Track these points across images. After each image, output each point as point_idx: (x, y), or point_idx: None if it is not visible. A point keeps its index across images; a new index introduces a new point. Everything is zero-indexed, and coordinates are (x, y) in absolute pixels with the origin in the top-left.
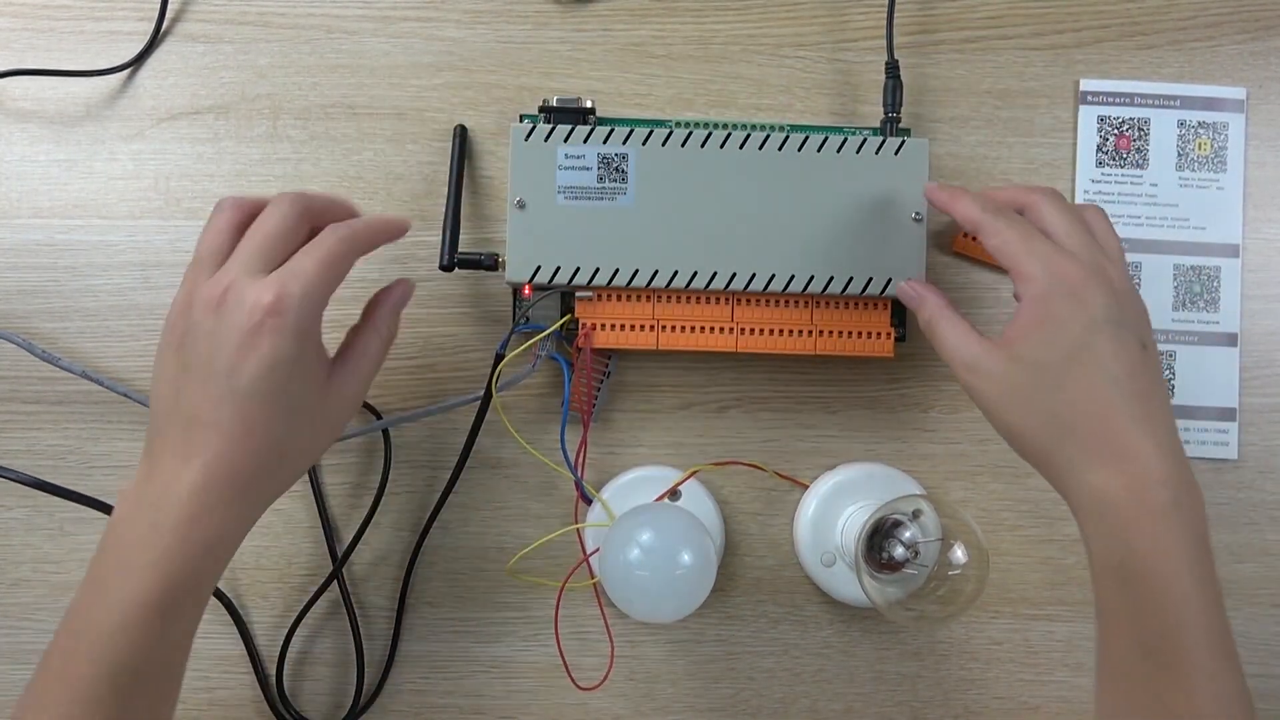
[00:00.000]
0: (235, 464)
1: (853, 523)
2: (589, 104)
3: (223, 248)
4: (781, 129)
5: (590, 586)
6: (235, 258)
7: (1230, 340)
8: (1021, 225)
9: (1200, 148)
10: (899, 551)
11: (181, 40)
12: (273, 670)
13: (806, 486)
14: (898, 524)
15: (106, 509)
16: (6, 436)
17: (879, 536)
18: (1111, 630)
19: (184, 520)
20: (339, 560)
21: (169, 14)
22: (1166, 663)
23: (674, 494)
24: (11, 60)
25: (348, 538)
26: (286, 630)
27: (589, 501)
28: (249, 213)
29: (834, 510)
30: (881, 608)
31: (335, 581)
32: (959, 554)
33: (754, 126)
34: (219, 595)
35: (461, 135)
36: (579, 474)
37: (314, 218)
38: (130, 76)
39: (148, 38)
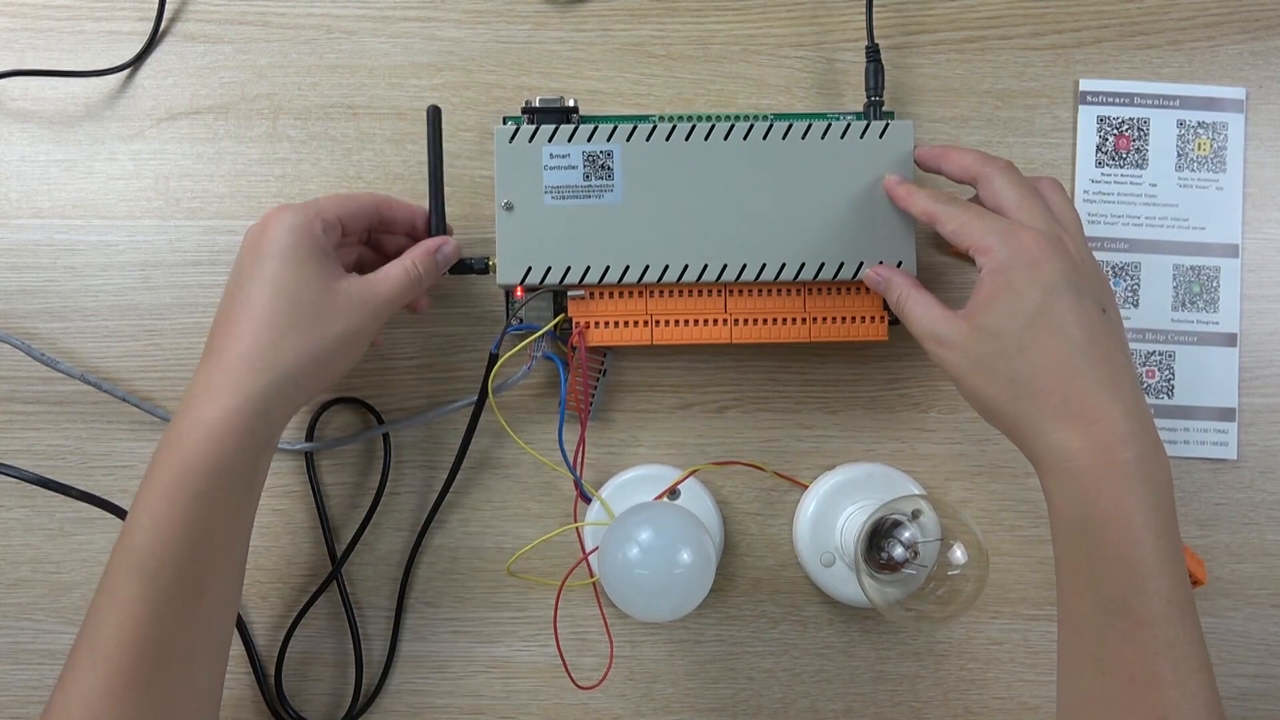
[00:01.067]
0: (240, 348)
1: (852, 523)
2: (571, 103)
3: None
4: (765, 118)
5: (590, 586)
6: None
7: (1230, 340)
8: (973, 207)
9: (1200, 148)
10: (898, 552)
11: (181, 40)
12: (272, 670)
13: (806, 487)
14: (897, 524)
15: (108, 506)
16: (6, 436)
17: (878, 536)
18: (1070, 587)
19: (199, 404)
20: (338, 561)
21: (168, 14)
22: (1124, 620)
23: (673, 493)
24: (11, 60)
25: (347, 538)
26: (285, 630)
27: (588, 500)
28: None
29: (834, 510)
30: (881, 608)
31: (334, 582)
32: (958, 554)
33: (738, 117)
34: None
35: (435, 117)
36: (578, 473)
37: (375, 207)
38: (130, 76)
39: (147, 38)
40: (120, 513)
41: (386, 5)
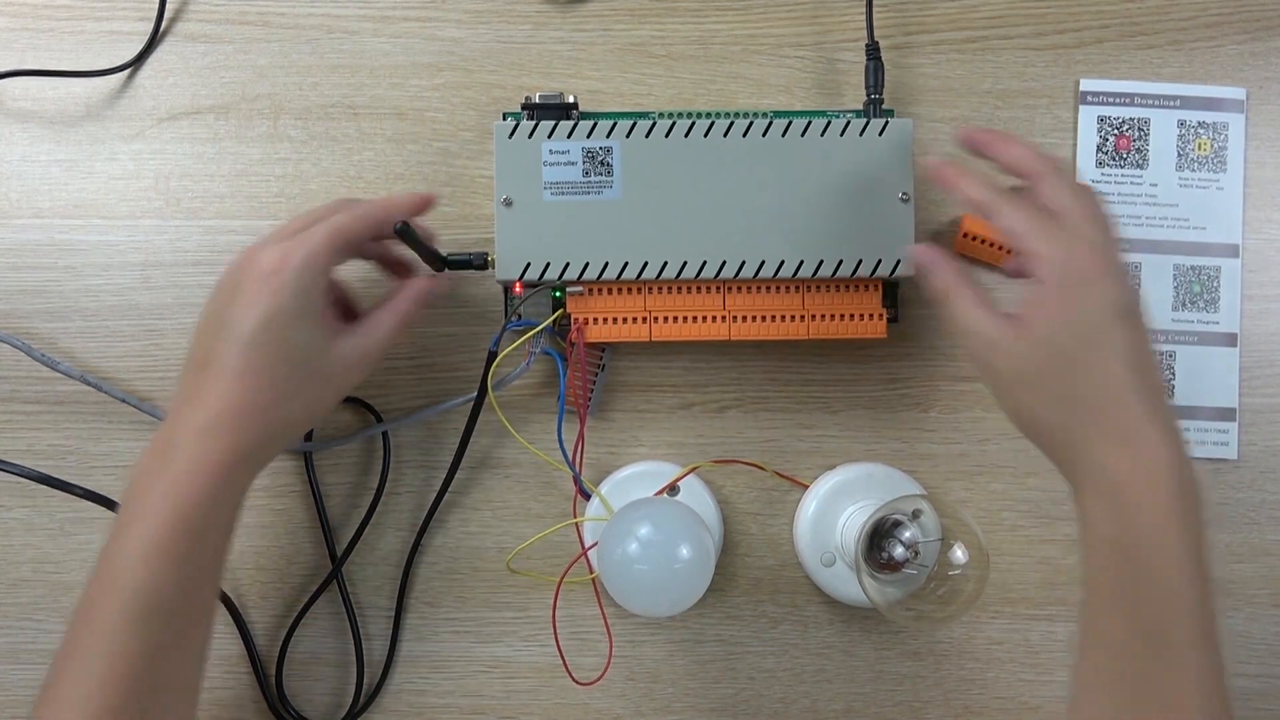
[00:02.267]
0: (238, 400)
1: (852, 523)
2: (571, 99)
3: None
4: (765, 115)
5: (590, 583)
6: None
7: (1230, 340)
8: (1029, 207)
9: (1200, 148)
10: (899, 551)
11: (181, 40)
12: (272, 670)
13: (806, 486)
14: (898, 524)
15: (109, 503)
16: (7, 437)
17: (879, 536)
18: (1103, 608)
19: (192, 450)
20: (338, 560)
21: (168, 14)
22: (1162, 647)
23: (673, 489)
24: (11, 60)
25: (347, 537)
26: (286, 630)
27: (587, 496)
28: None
29: (834, 510)
30: (881, 608)
31: (334, 581)
32: (959, 554)
33: (737, 114)
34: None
35: (406, 230)
36: (577, 469)
37: (375, 222)
38: (130, 77)
39: (147, 38)
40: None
41: (386, 5)
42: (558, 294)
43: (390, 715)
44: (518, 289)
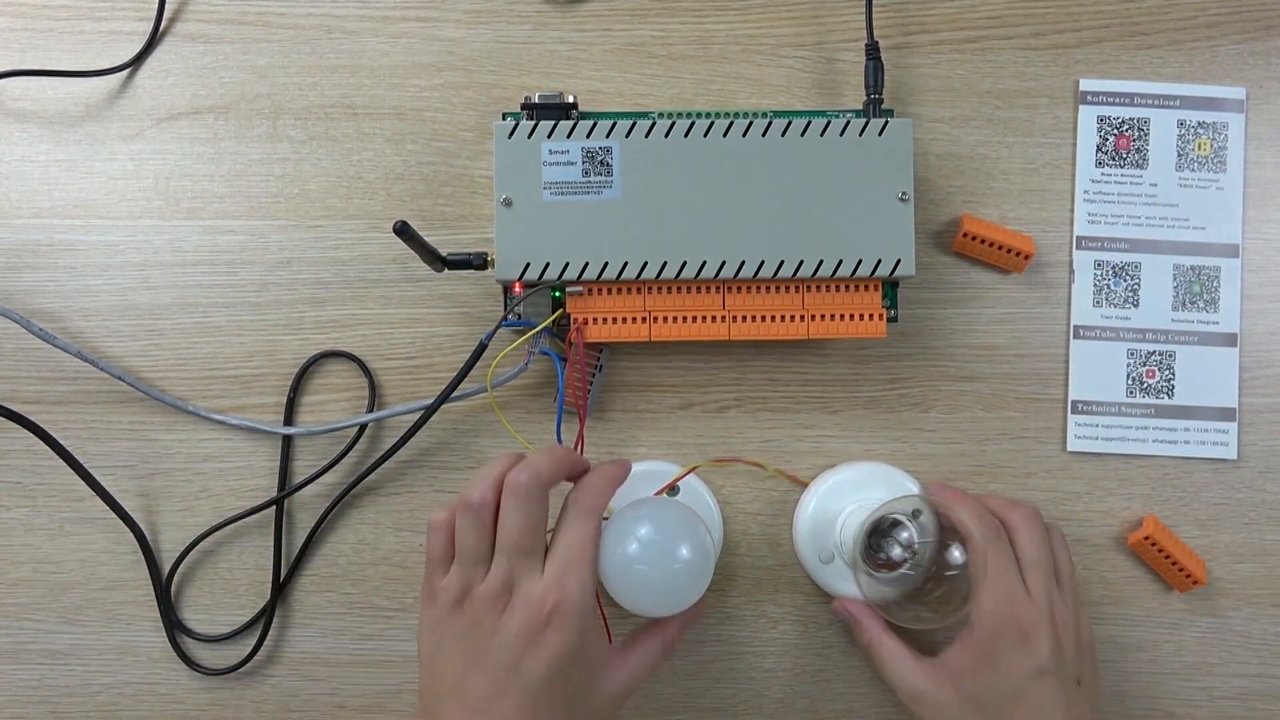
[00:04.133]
0: None
1: (851, 521)
2: (571, 99)
3: (445, 550)
4: (764, 115)
5: None
6: (504, 556)
7: (1230, 340)
8: (1000, 556)
9: (1200, 148)
10: (896, 552)
11: (181, 40)
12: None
13: (807, 484)
14: (896, 524)
15: (112, 504)
16: (6, 437)
17: (877, 536)
18: None
19: None
20: (284, 575)
21: (168, 14)
22: None
23: (673, 489)
24: (11, 60)
25: (346, 537)
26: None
27: None
28: (488, 508)
29: (834, 508)
30: (877, 607)
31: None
32: (956, 555)
33: (737, 114)
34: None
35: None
36: None
37: (549, 487)
38: (130, 77)
39: (147, 38)
40: (122, 511)
41: (386, 5)
42: (557, 294)
43: (391, 715)
44: (517, 289)
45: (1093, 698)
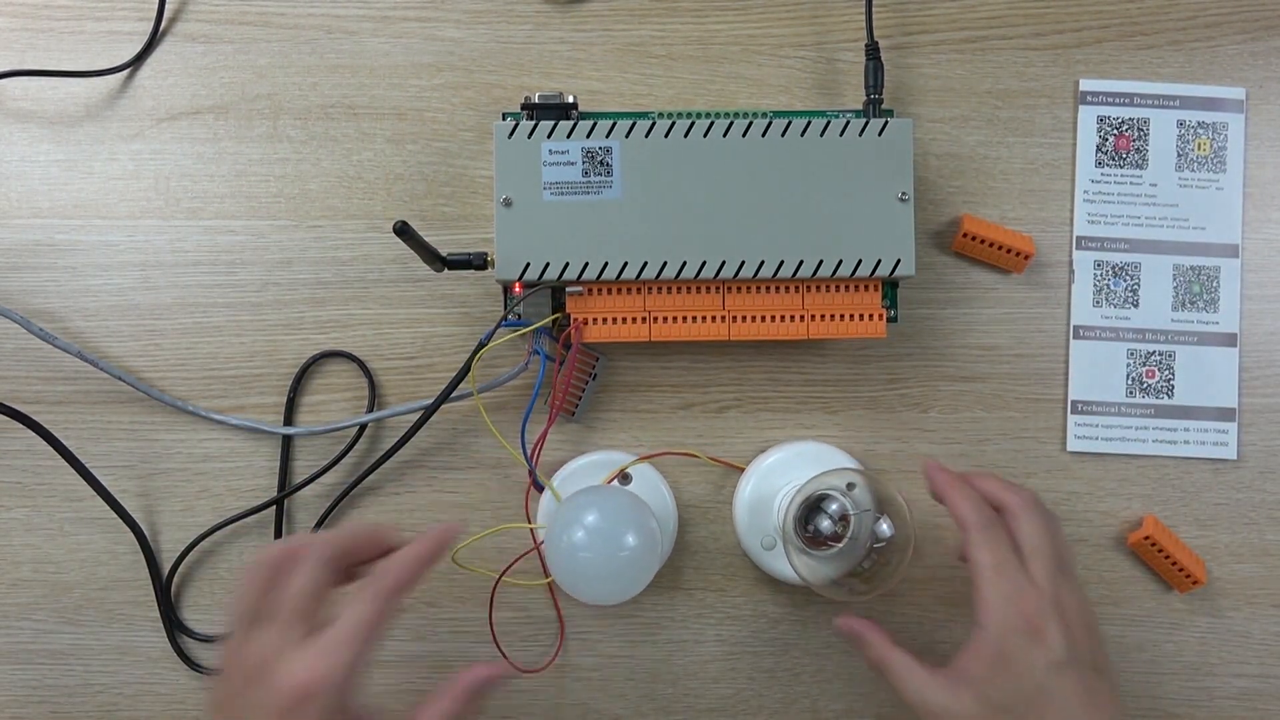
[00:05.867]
0: None
1: (784, 501)
2: (571, 99)
3: (255, 607)
4: (764, 115)
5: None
6: (274, 623)
7: (1230, 340)
8: (998, 549)
9: (1200, 148)
10: (825, 525)
11: (181, 40)
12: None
13: (743, 470)
14: (826, 497)
15: (112, 503)
16: (6, 437)
17: (810, 511)
18: None
19: None
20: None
21: (168, 14)
22: None
23: (624, 478)
24: (11, 60)
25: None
26: None
27: (540, 489)
28: (276, 569)
29: (771, 491)
30: (815, 586)
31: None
32: (884, 527)
33: (737, 114)
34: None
35: (404, 228)
36: (533, 461)
37: (346, 561)
38: (130, 77)
39: (147, 38)
40: (122, 511)
41: (386, 5)
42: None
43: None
44: (517, 289)
45: (1112, 682)
